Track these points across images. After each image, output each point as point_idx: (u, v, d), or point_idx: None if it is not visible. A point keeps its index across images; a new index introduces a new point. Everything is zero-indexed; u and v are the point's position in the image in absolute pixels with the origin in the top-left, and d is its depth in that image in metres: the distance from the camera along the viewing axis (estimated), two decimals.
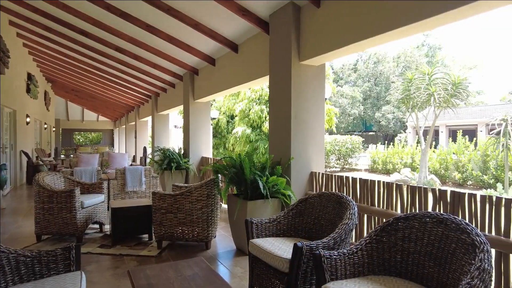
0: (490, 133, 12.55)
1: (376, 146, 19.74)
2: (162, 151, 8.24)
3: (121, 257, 4.11)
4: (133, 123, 17.20)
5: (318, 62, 4.37)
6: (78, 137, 29.34)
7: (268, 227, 2.96)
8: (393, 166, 17.12)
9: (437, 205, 2.87)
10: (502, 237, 2.44)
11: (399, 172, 15.54)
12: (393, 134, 35.01)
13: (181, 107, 9.67)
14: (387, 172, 17.47)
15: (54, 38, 8.49)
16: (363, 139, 22.33)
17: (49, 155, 13.98)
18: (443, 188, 2.83)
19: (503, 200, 2.45)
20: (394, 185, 3.25)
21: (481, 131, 22.33)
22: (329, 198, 2.93)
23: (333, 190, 4.04)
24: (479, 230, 2.56)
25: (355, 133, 38.49)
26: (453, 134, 22.75)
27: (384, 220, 3.23)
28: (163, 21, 5.93)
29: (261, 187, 3.69)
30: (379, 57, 39.82)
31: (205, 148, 8.51)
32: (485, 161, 13.36)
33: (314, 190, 4.37)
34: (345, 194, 3.81)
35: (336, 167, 20.20)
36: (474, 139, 14.64)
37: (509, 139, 11.23)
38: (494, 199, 2.51)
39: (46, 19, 7.14)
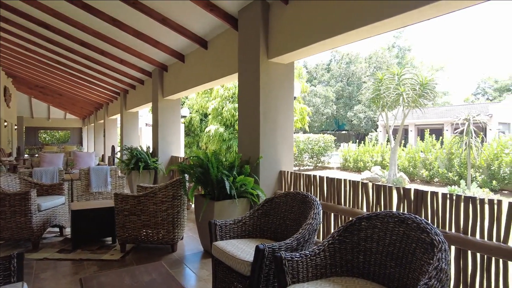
0: (454, 132, 13.07)
1: (348, 145, 20.11)
2: (129, 150, 7.96)
3: (80, 262, 3.89)
4: (102, 121, 16.60)
5: (287, 60, 4.32)
6: (44, 136, 28.00)
7: (233, 229, 2.87)
8: (364, 164, 17.50)
9: (402, 204, 2.89)
10: (461, 234, 2.47)
11: (369, 170, 15.89)
12: (364, 133, 35.86)
13: (150, 105, 9.40)
14: (358, 170, 17.83)
15: (12, 30, 7.99)
16: (335, 138, 22.71)
17: (9, 155, 13.22)
18: (407, 187, 2.84)
19: (462, 198, 2.49)
20: (360, 184, 3.25)
21: (447, 130, 23.27)
22: (294, 198, 2.88)
23: (301, 189, 4.01)
24: (441, 228, 2.60)
25: (328, 132, 39.14)
26: (421, 133, 23.58)
27: (351, 219, 3.23)
28: (129, 15, 5.69)
29: (228, 187, 3.59)
30: (351, 57, 40.66)
31: (175, 147, 8.30)
32: (450, 159, 13.90)
33: (283, 189, 4.33)
34: (312, 193, 3.80)
35: (309, 166, 20.42)
36: (441, 138, 15.20)
37: (471, 138, 11.72)
38: (454, 197, 2.54)
39: (1, 9, 6.69)
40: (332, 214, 3.57)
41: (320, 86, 40.74)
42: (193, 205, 6.29)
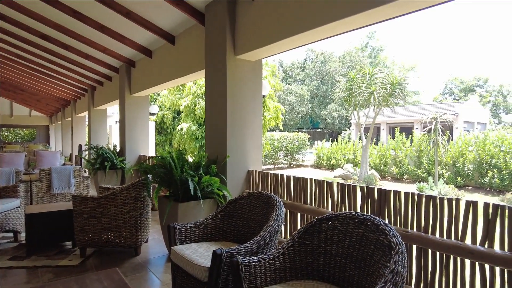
0: (423, 130, 13.48)
1: (322, 143, 20.35)
2: (94, 149, 7.63)
3: (34, 269, 3.65)
4: (70, 118, 15.92)
5: (255, 57, 4.23)
6: (6, 134, 26.57)
7: (194, 232, 2.75)
8: (337, 161, 17.75)
9: (365, 203, 2.87)
10: (422, 233, 2.48)
11: (342, 167, 16.13)
12: (338, 131, 36.50)
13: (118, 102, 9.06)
14: (332, 168, 18.08)
15: None
16: (309, 136, 22.94)
17: None
18: (371, 186, 2.83)
19: (424, 197, 2.49)
20: (325, 183, 3.22)
21: (416, 128, 24.02)
22: (258, 198, 2.79)
23: (269, 189, 3.94)
24: (403, 227, 2.60)
25: (303, 130, 39.54)
26: (392, 131, 24.22)
27: (311, 220, 3.19)
28: (91, 8, 5.40)
29: (192, 188, 3.46)
30: (325, 56, 41.21)
31: (143, 145, 8.04)
32: (419, 156, 14.33)
33: (251, 189, 4.24)
34: (280, 192, 3.74)
35: (284, 163, 20.52)
36: (410, 136, 15.65)
37: (438, 136, 12.12)
38: (416, 196, 2.54)
39: None
40: (299, 213, 3.52)
41: (295, 84, 41.08)
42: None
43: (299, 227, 3.52)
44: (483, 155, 12.34)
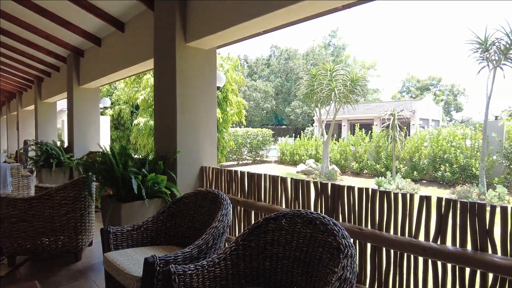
0: (382, 126, 13.84)
1: (286, 139, 20.42)
2: (38, 145, 6.99)
3: None
4: (15, 112, 14.69)
5: (208, 46, 3.96)
6: None
7: (132, 236, 2.46)
8: (300, 157, 17.88)
9: (319, 199, 2.72)
10: (376, 231, 2.36)
11: (304, 163, 16.25)
12: (302, 128, 36.96)
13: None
14: (295, 163, 18.18)
15: None
16: (274, 132, 22.96)
17: None
18: (324, 181, 2.68)
19: (378, 193, 2.38)
20: (279, 179, 3.04)
21: (376, 124, 24.82)
22: (205, 197, 2.55)
23: (223, 186, 3.71)
24: (357, 224, 2.47)
25: (268, 126, 39.66)
26: (353, 128, 24.84)
27: (258, 220, 3.01)
28: None
29: (135, 186, 3.15)
30: (290, 53, 41.52)
31: (94, 141, 7.49)
32: (378, 151, 14.73)
33: (205, 186, 3.99)
34: (233, 189, 3.52)
35: (248, 159, 20.37)
36: (370, 132, 16.05)
37: (396, 132, 12.49)
38: (370, 191, 2.42)
39: None
40: (253, 211, 3.32)
41: (260, 81, 41.02)
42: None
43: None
44: (437, 150, 12.89)
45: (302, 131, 23.17)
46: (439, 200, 2.10)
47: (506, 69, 10.14)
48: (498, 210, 1.90)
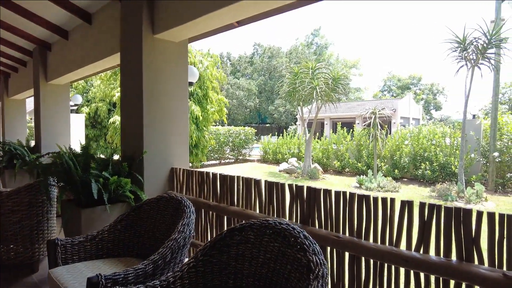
0: (363, 124, 13.84)
1: (269, 137, 20.25)
2: (0, 145, 6.53)
3: None
4: None
5: (178, 37, 3.69)
6: None
7: (85, 248, 2.19)
8: (282, 156, 17.74)
9: (295, 203, 2.51)
10: (354, 238, 2.17)
11: (287, 161, 16.12)
12: (285, 126, 36.94)
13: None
14: (277, 162, 18.04)
15: None
16: (256, 131, 22.77)
17: None
18: (300, 184, 2.48)
19: (356, 197, 2.19)
20: (252, 181, 2.81)
21: (357, 123, 24.98)
22: (167, 203, 2.30)
23: (194, 189, 3.46)
24: (334, 231, 2.27)
25: (252, 124, 39.47)
26: (336, 126, 24.95)
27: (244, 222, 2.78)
28: None
29: (95, 190, 2.86)
30: (273, 52, 41.39)
31: (64, 141, 7.07)
32: (359, 150, 14.73)
33: (175, 189, 3.72)
34: (205, 192, 3.28)
35: (230, 158, 20.09)
36: (351, 130, 16.05)
37: (377, 131, 12.48)
38: (348, 195, 2.23)
39: None
40: (225, 217, 3.09)
41: (243, 79, 40.75)
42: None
43: None
44: (417, 149, 12.96)
45: (285, 130, 23.05)
46: (422, 205, 1.93)
47: (483, 68, 10.25)
48: (485, 216, 1.74)
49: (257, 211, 2.80)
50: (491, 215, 1.71)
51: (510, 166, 11.15)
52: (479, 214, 1.73)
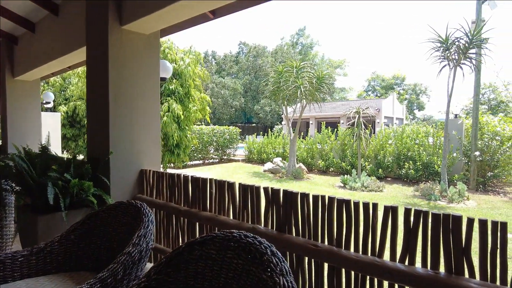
0: (347, 124, 13.78)
1: (254, 137, 20.03)
2: None
3: None
4: None
5: (148, 29, 3.42)
6: None
7: (29, 262, 1.91)
8: (267, 155, 17.56)
9: (270, 208, 2.30)
10: (334, 248, 1.97)
11: (271, 161, 15.94)
12: (271, 126, 36.82)
13: None
14: (262, 162, 17.84)
15: None
16: (241, 130, 22.52)
17: None
18: (276, 187, 2.26)
19: (335, 202, 1.99)
20: (226, 184, 2.58)
21: (342, 123, 25.04)
22: (126, 211, 2.05)
23: (165, 192, 3.20)
24: (312, 239, 2.07)
25: (237, 124, 39.17)
26: (320, 126, 24.94)
27: (217, 230, 2.54)
28: None
29: (50, 196, 2.58)
30: (258, 51, 41.19)
31: (33, 140, 6.67)
32: (344, 149, 14.68)
33: (145, 192, 3.46)
34: (176, 196, 3.03)
35: (214, 158, 19.78)
36: (335, 130, 16.00)
37: (361, 130, 12.42)
38: (326, 200, 2.03)
39: None
40: (198, 224, 2.85)
41: (228, 78, 40.41)
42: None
43: None
44: (401, 148, 12.98)
45: (270, 130, 22.90)
46: (407, 211, 1.74)
47: (465, 68, 10.29)
48: (476, 223, 1.56)
49: (231, 216, 2.58)
50: (483, 223, 1.53)
51: (490, 165, 11.27)
52: (470, 221, 1.56)
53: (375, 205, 1.85)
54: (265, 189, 2.32)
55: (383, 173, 13.25)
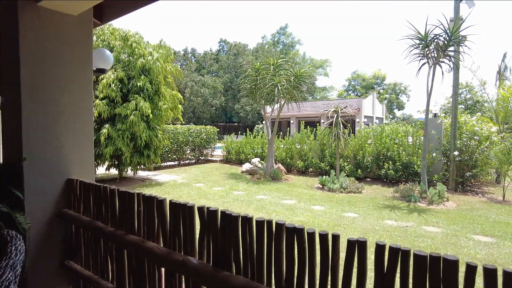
0: (326, 123, 13.40)
1: (231, 137, 19.43)
2: None
3: None
4: None
5: (75, 8, 2.80)
6: None
7: None
8: (246, 156, 17.02)
9: (206, 235, 1.75)
10: None
11: (250, 162, 15.42)
12: (252, 125, 36.32)
13: None
14: (240, 162, 17.30)
15: None
16: (219, 130, 21.91)
17: None
18: (212, 208, 1.72)
19: (285, 230, 1.46)
20: (155, 201, 2.02)
21: (322, 122, 24.79)
22: None
23: (92, 208, 2.61)
24: (256, 281, 1.53)
25: (218, 123, 38.47)
26: (301, 125, 24.61)
27: (145, 260, 1.98)
28: None
29: None
30: (239, 49, 40.61)
31: None
32: (323, 149, 14.30)
33: (72, 206, 2.85)
34: (103, 213, 2.44)
35: (191, 159, 19.08)
36: (314, 129, 15.61)
37: (339, 130, 12.06)
38: (274, 226, 1.50)
39: None
40: (125, 251, 2.27)
41: (208, 76, 39.65)
42: None
43: (126, 274, 2.26)
44: (380, 148, 12.70)
45: (248, 129, 22.37)
46: (380, 248, 1.23)
47: (444, 67, 10.06)
48: (480, 269, 1.06)
49: (161, 243, 2.01)
50: (491, 272, 1.03)
51: (469, 165, 11.12)
52: (471, 269, 1.05)
53: (335, 238, 1.33)
54: (200, 210, 1.77)
55: (362, 174, 12.93)
